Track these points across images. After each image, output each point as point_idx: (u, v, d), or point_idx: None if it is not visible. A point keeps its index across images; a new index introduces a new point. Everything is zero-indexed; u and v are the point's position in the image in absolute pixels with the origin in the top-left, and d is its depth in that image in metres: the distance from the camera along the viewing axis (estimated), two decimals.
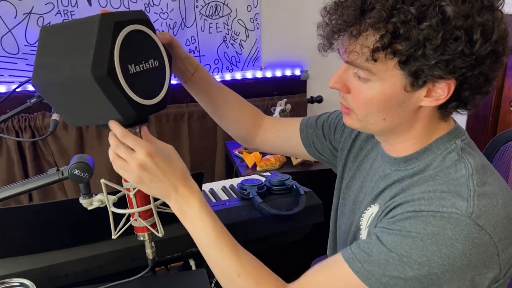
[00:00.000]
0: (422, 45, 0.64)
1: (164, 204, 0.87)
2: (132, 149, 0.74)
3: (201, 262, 1.27)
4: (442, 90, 0.69)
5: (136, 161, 0.73)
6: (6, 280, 0.91)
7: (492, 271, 0.68)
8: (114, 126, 0.74)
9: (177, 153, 0.79)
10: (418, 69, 0.66)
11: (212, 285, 1.07)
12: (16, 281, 0.91)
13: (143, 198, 0.83)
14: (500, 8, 0.68)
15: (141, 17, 0.77)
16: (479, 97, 0.72)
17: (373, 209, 0.83)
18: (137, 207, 0.83)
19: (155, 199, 0.84)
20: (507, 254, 0.69)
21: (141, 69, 0.74)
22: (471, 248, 0.65)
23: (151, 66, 0.76)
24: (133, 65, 0.72)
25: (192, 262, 1.20)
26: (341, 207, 0.96)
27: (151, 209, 0.84)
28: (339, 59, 0.77)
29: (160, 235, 0.86)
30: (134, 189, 0.81)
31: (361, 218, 0.86)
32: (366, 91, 0.72)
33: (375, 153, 0.90)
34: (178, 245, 1.15)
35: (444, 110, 0.74)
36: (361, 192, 0.90)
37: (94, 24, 0.68)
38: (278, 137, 1.09)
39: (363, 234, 0.85)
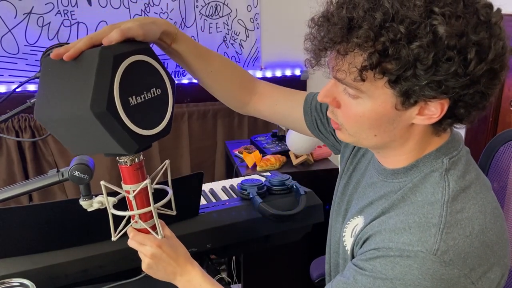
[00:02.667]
0: (413, 66, 0.61)
1: (164, 206, 0.87)
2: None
3: (201, 262, 1.27)
4: (435, 109, 0.66)
5: (146, 252, 0.86)
6: (6, 280, 0.91)
7: None
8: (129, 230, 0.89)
9: (177, 239, 0.92)
10: (408, 89, 0.63)
11: None
12: (16, 281, 0.92)
13: (143, 200, 0.83)
14: (498, 23, 0.63)
15: (141, 46, 0.75)
16: (475, 113, 0.69)
17: (358, 220, 0.83)
18: (137, 209, 0.83)
19: (155, 201, 0.84)
20: (485, 280, 0.69)
21: (143, 99, 0.73)
22: (440, 284, 0.65)
23: (153, 95, 0.75)
24: (134, 96, 0.71)
25: None
26: (337, 206, 0.96)
27: (151, 211, 0.84)
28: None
29: (160, 237, 0.86)
30: (134, 191, 0.81)
31: (346, 225, 0.87)
32: (356, 108, 0.70)
33: (370, 155, 0.90)
34: None
35: (439, 126, 0.71)
36: (355, 193, 0.90)
37: (94, 59, 0.68)
38: (274, 111, 1.03)
39: (347, 242, 0.86)
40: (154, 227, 0.86)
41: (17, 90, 1.10)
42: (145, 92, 0.74)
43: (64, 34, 2.27)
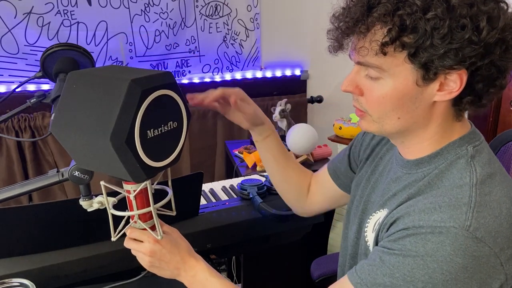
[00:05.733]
0: (430, 35, 0.65)
1: (164, 206, 0.87)
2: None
3: None
4: (454, 83, 0.69)
5: (145, 249, 0.84)
6: (6, 280, 0.91)
7: (498, 281, 0.68)
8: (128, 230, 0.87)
9: (179, 234, 0.90)
10: (427, 60, 0.67)
11: None
12: (16, 281, 0.91)
13: (143, 200, 0.83)
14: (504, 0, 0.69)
15: (168, 81, 0.75)
16: (493, 90, 0.72)
17: (381, 214, 0.83)
18: (137, 209, 0.83)
19: (155, 201, 0.84)
20: (511, 264, 0.69)
21: (159, 132, 0.74)
22: (471, 261, 0.66)
23: (169, 128, 0.76)
24: (152, 129, 0.72)
25: None
26: (354, 209, 0.96)
27: (151, 211, 0.84)
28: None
29: (159, 237, 0.86)
30: (134, 191, 0.81)
31: (368, 220, 0.86)
32: (379, 90, 0.73)
33: (389, 155, 0.91)
34: None
35: (459, 106, 0.74)
36: (373, 193, 0.91)
37: (122, 89, 0.68)
38: (323, 195, 1.12)
39: (369, 237, 0.85)
40: (153, 228, 0.86)
41: (17, 90, 1.10)
42: (162, 125, 0.75)
43: (64, 34, 2.28)
